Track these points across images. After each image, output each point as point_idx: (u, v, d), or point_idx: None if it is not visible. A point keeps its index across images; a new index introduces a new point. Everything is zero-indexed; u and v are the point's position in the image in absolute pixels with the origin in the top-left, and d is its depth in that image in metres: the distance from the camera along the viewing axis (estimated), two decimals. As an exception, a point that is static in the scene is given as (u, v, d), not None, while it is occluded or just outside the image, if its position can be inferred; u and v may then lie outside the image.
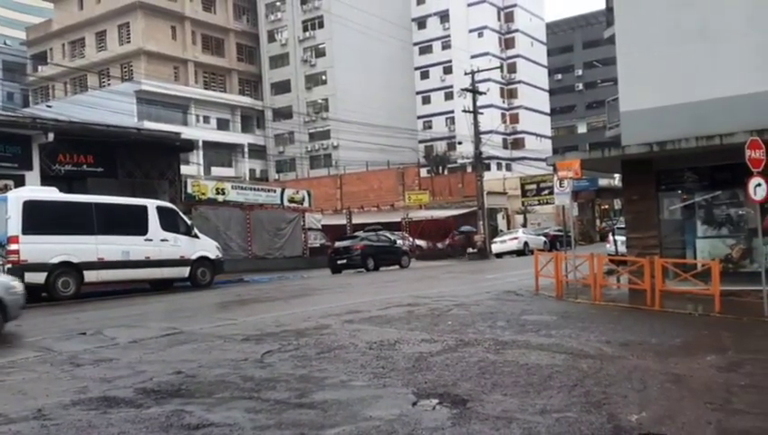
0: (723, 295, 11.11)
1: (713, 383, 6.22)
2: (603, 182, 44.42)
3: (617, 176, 26.63)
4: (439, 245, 37.86)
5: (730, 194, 13.59)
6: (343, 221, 37.07)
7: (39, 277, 14.60)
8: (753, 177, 10.47)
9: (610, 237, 23.59)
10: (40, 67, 60.81)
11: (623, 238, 17.42)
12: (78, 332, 9.74)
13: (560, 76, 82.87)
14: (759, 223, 11.20)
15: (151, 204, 17.59)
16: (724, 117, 12.39)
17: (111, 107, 39.49)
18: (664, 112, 13.33)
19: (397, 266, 26.71)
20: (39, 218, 14.88)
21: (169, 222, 17.72)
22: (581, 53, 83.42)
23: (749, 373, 6.64)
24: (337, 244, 26.24)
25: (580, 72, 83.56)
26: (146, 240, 16.88)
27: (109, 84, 52.57)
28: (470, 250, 36.12)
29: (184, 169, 28.20)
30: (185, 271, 17.97)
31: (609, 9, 15.99)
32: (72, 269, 15.30)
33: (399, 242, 31.44)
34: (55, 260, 14.95)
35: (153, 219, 17.21)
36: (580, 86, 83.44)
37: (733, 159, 11.38)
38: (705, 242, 13.82)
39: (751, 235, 12.90)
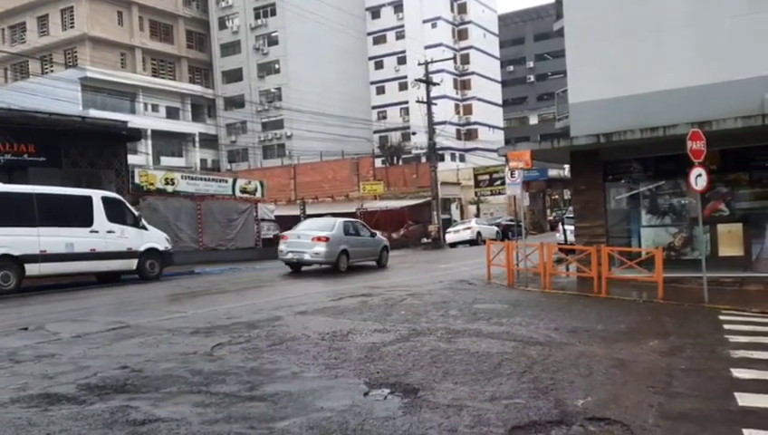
0: (666, 282, 11.50)
1: (655, 368, 6.42)
2: (553, 173, 45.40)
3: (566, 166, 27.22)
4: (394, 235, 37.98)
5: (673, 184, 14.03)
6: (297, 212, 36.75)
7: (-23, 271, 14.03)
8: (694, 167, 10.82)
9: (560, 227, 24.08)
10: (-23, 52, 58.20)
11: (572, 227, 17.82)
12: (19, 327, 9.40)
13: (512, 68, 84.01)
14: (700, 212, 11.60)
15: (96, 194, 17.06)
16: (668, 109, 12.78)
17: (55, 94, 38.09)
18: (610, 104, 13.66)
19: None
20: (-24, 210, 14.26)
21: (116, 213, 17.23)
22: (533, 46, 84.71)
23: (689, 357, 6.88)
24: (290, 235, 26.01)
25: (531, 64, 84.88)
26: (91, 232, 16.38)
27: (52, 71, 50.62)
28: (424, 240, 36.40)
29: (132, 159, 27.47)
30: (132, 263, 17.54)
31: (559, 2, 16.25)
32: (13, 262, 14.72)
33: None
34: (-6, 253, 14.38)
35: (99, 210, 16.70)
36: (532, 78, 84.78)
37: (675, 150, 11.74)
38: (650, 231, 14.25)
39: (692, 223, 13.36)
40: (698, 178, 10.81)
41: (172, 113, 56.17)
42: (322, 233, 18.36)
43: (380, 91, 68.73)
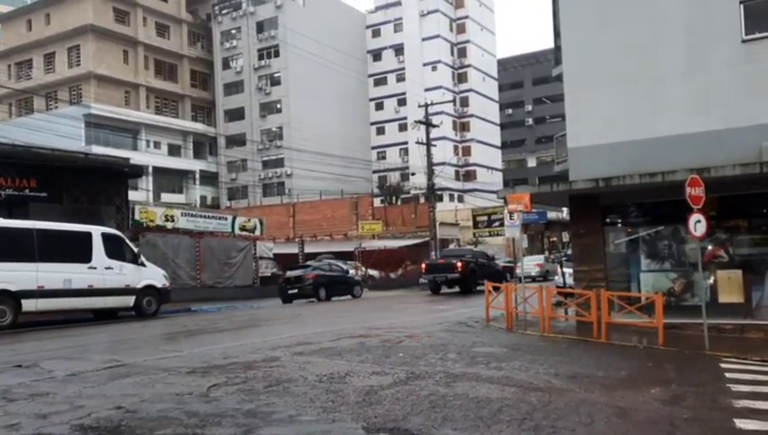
0: (666, 328, 11.41)
1: (657, 417, 6.33)
2: (552, 215, 45.50)
3: (565, 209, 27.33)
4: (392, 275, 37.88)
5: (672, 229, 14.06)
6: (296, 250, 36.75)
7: (-27, 306, 13.95)
8: (693, 213, 10.86)
9: (558, 269, 24.02)
10: (-17, 88, 58.94)
11: (570, 270, 17.77)
12: (13, 364, 9.28)
13: (510, 111, 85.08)
14: (699, 258, 11.60)
15: (96, 231, 17.07)
16: (666, 155, 12.91)
17: (58, 131, 38.39)
18: (609, 149, 13.79)
19: (349, 296, 26.54)
20: (-25, 244, 14.25)
21: (115, 249, 17.23)
22: (531, 90, 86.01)
23: (691, 406, 6.80)
24: (288, 273, 25.94)
25: (530, 108, 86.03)
26: (89, 268, 16.34)
27: (56, 107, 51.24)
28: (422, 280, 36.20)
29: (132, 195, 27.61)
30: (130, 300, 17.45)
31: (558, 48, 16.56)
32: (10, 298, 14.65)
33: (352, 272, 31.30)
34: (-9, 288, 14.31)
35: (98, 246, 16.70)
36: (530, 121, 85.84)
37: (674, 196, 11.81)
38: (649, 275, 14.22)
39: (692, 269, 13.34)
40: (698, 225, 10.85)
41: (174, 150, 56.64)
42: (538, 262, 35.34)
43: (380, 131, 69.43)
